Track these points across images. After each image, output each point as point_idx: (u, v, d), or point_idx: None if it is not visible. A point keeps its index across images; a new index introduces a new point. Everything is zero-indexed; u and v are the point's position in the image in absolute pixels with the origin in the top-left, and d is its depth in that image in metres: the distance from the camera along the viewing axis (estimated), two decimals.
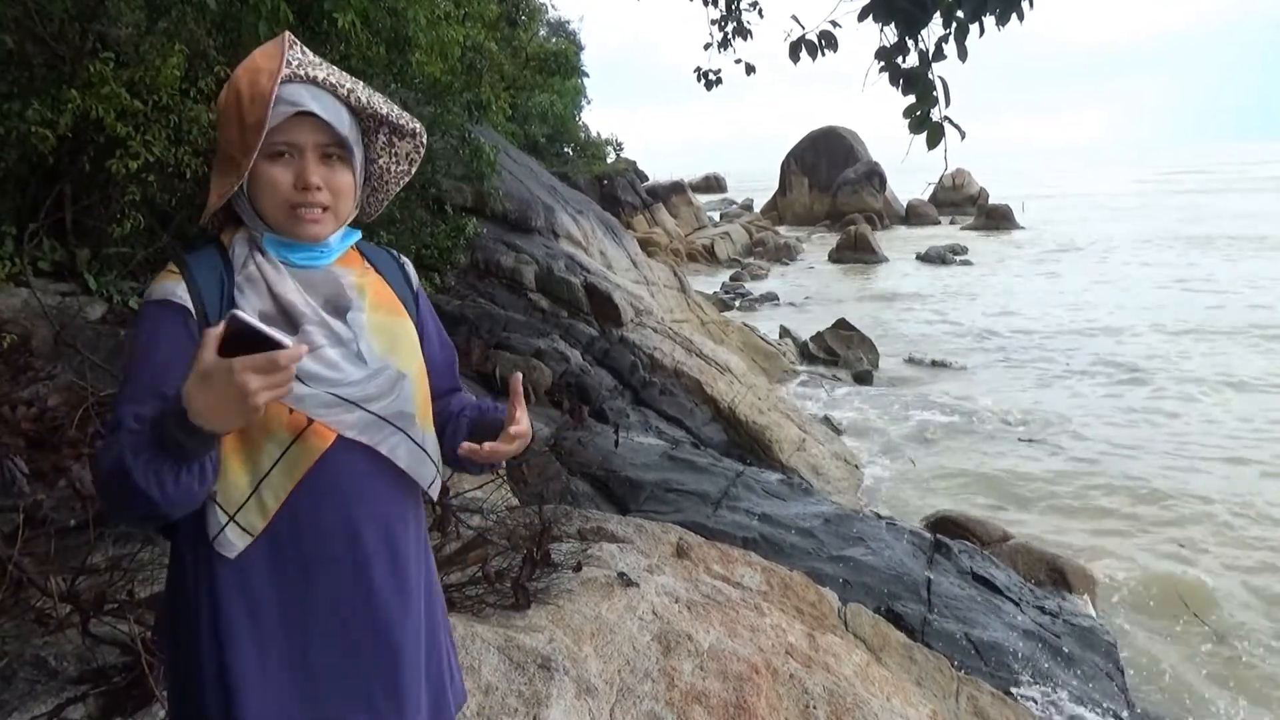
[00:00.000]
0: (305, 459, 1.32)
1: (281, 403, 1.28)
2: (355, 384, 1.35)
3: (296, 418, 1.30)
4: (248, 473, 1.31)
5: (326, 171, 1.37)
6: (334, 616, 1.36)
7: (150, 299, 1.32)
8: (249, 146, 1.30)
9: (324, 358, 1.34)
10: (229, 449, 1.30)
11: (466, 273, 9.31)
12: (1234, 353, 14.28)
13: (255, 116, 1.29)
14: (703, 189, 57.01)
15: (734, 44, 5.73)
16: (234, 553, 1.31)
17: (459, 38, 7.41)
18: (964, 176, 43.34)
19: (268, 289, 1.35)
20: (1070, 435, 10.29)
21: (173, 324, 1.30)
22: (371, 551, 1.39)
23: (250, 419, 1.16)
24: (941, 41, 3.49)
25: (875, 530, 5.73)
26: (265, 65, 1.31)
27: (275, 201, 1.35)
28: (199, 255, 1.37)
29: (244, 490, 1.31)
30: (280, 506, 1.32)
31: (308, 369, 1.31)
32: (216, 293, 1.33)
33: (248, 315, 1.12)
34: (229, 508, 1.30)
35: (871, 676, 3.27)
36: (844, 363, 13.33)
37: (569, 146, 25.89)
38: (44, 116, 4.39)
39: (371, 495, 1.39)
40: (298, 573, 1.34)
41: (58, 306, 4.58)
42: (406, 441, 1.41)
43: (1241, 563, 7.13)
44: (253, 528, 1.31)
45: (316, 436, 1.32)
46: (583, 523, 4.16)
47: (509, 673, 2.62)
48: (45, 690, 2.32)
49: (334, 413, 1.33)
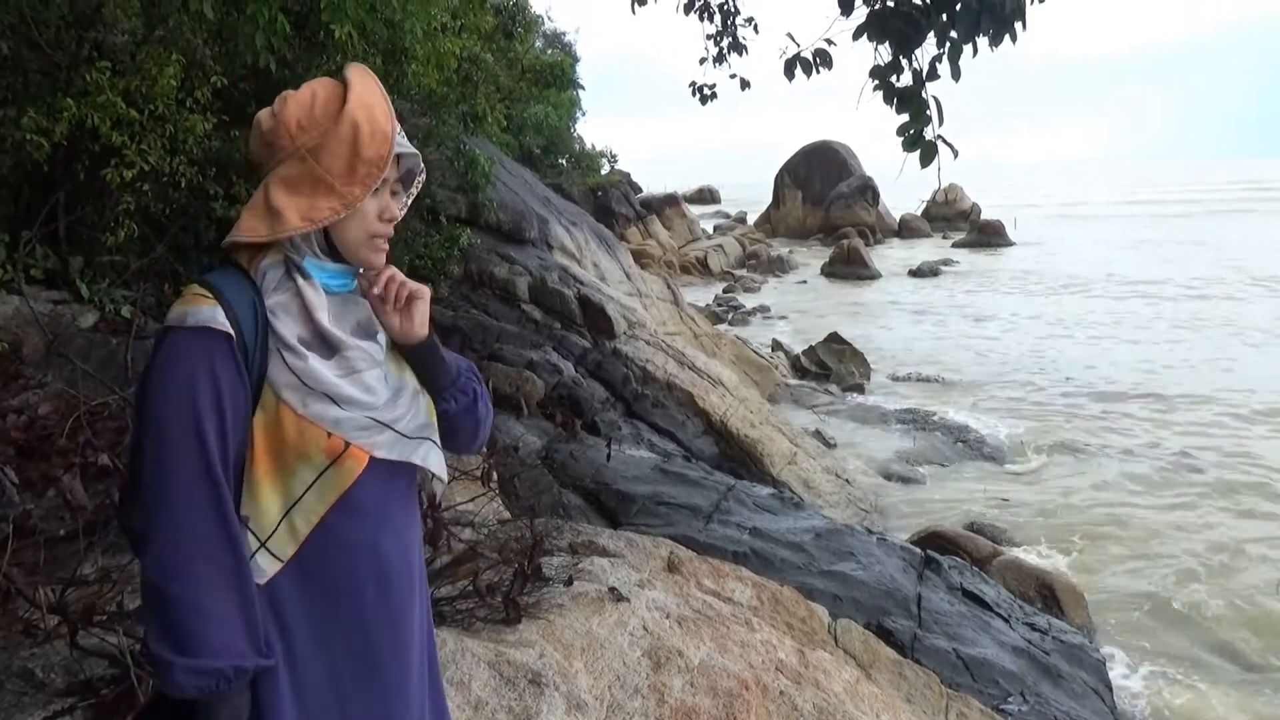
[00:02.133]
0: (342, 482, 1.34)
1: (319, 426, 1.31)
2: (385, 405, 1.39)
3: (334, 441, 1.33)
4: (279, 498, 1.32)
5: (395, 206, 1.44)
6: (361, 636, 1.39)
7: (184, 324, 1.28)
8: (364, 180, 1.34)
9: (361, 381, 1.37)
10: (261, 474, 1.31)
11: (460, 283, 9.31)
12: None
13: (376, 152, 1.34)
14: (696, 201, 57.13)
15: (729, 59, 5.77)
16: (264, 579, 1.32)
17: (455, 49, 7.44)
18: (956, 191, 43.51)
19: (306, 315, 1.36)
20: (1063, 451, 10.32)
21: (220, 357, 1.28)
22: (393, 569, 1.42)
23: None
24: (935, 61, 3.53)
25: (866, 545, 5.74)
26: (379, 104, 1.36)
27: (363, 232, 1.39)
28: (225, 279, 1.34)
29: (275, 516, 1.32)
30: (311, 532, 1.33)
31: (346, 393, 1.34)
32: (252, 320, 1.32)
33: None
34: (260, 534, 1.32)
35: (861, 693, 3.27)
36: (836, 376, 13.36)
37: (564, 158, 25.91)
38: (39, 124, 4.39)
39: (391, 512, 1.43)
40: (326, 594, 1.36)
41: (50, 315, 4.57)
42: (434, 448, 1.46)
43: (1231, 584, 7.14)
44: (282, 554, 1.33)
45: (353, 459, 1.34)
46: (574, 536, 4.15)
47: (499, 688, 2.62)
48: (33, 702, 2.30)
49: (369, 435, 1.36)
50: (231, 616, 1.24)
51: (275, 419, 1.31)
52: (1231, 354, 15.44)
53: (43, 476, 3.20)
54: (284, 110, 1.34)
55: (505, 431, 6.47)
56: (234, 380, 1.28)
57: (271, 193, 1.34)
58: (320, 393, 1.32)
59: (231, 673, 1.23)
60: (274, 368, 1.32)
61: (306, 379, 1.32)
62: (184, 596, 1.22)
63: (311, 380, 1.32)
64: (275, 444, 1.31)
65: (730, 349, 12.68)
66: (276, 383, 1.31)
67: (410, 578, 1.46)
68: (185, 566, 1.23)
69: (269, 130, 1.34)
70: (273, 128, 1.34)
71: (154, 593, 1.22)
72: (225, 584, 1.25)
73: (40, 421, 3.57)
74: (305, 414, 1.31)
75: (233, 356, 1.28)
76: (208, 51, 5.25)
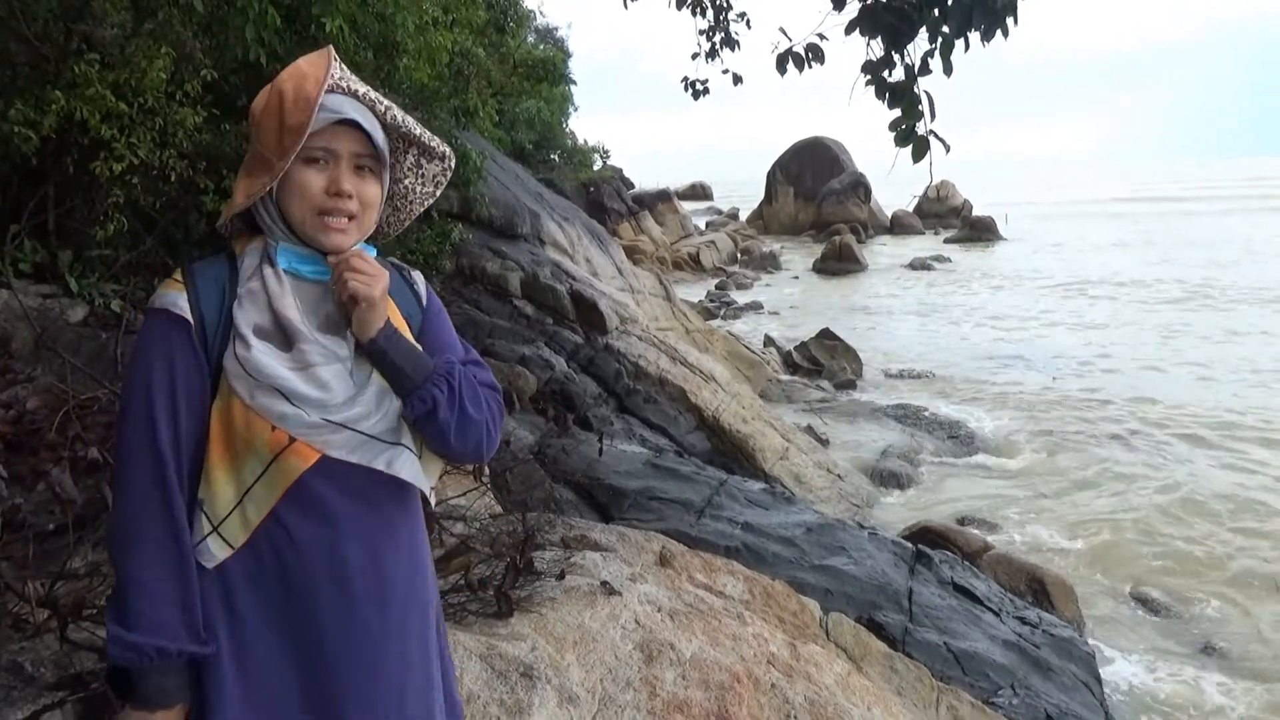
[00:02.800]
0: (286, 477, 1.32)
1: (264, 419, 1.30)
2: (343, 404, 1.35)
3: (278, 436, 1.31)
4: (233, 484, 1.32)
5: (358, 181, 1.38)
6: (314, 635, 1.36)
7: (152, 307, 1.33)
8: (287, 148, 1.31)
9: (316, 377, 1.34)
10: (215, 460, 1.32)
11: (452, 279, 9.29)
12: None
13: (297, 119, 1.31)
14: (689, 197, 57.11)
15: (721, 54, 5.77)
16: (212, 563, 1.33)
17: (447, 44, 7.40)
18: (948, 188, 43.62)
19: (268, 303, 1.35)
20: (1054, 444, 10.37)
21: (170, 340, 1.31)
22: (355, 571, 1.37)
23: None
24: (927, 56, 3.53)
25: (857, 540, 5.75)
26: (311, 72, 1.34)
27: (305, 206, 1.35)
28: (206, 264, 1.38)
29: (229, 502, 1.32)
30: (262, 521, 1.32)
31: (296, 389, 1.31)
32: (217, 305, 1.34)
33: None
34: (213, 518, 1.32)
35: (852, 686, 3.28)
36: (828, 372, 13.38)
37: (556, 153, 25.87)
38: (27, 117, 4.35)
39: (356, 514, 1.38)
40: (278, 587, 1.34)
41: (38, 308, 4.54)
42: (405, 453, 1.40)
43: (1222, 575, 7.19)
44: (234, 540, 1.32)
45: (296, 456, 1.31)
46: (566, 530, 4.15)
47: (491, 681, 2.62)
48: (22, 696, 2.29)
49: (319, 433, 1.33)
50: (167, 597, 1.28)
51: (227, 407, 1.32)
52: (1220, 348, 15.53)
53: (32, 471, 3.19)
54: (256, 102, 1.38)
55: None
56: (189, 365, 1.31)
57: (238, 179, 1.39)
58: (267, 385, 1.31)
59: (154, 651, 1.27)
60: (227, 356, 1.32)
61: (251, 370, 1.30)
62: (126, 570, 1.29)
63: (256, 372, 1.30)
64: (227, 432, 1.32)
65: (722, 345, 12.69)
66: (228, 371, 1.32)
67: (383, 588, 1.40)
68: (129, 543, 1.29)
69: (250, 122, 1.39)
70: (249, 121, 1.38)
71: (112, 564, 1.31)
72: (164, 564, 1.29)
73: (29, 416, 3.55)
74: (252, 405, 1.31)
75: (190, 342, 1.31)
76: (198, 44, 5.22)
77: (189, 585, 1.30)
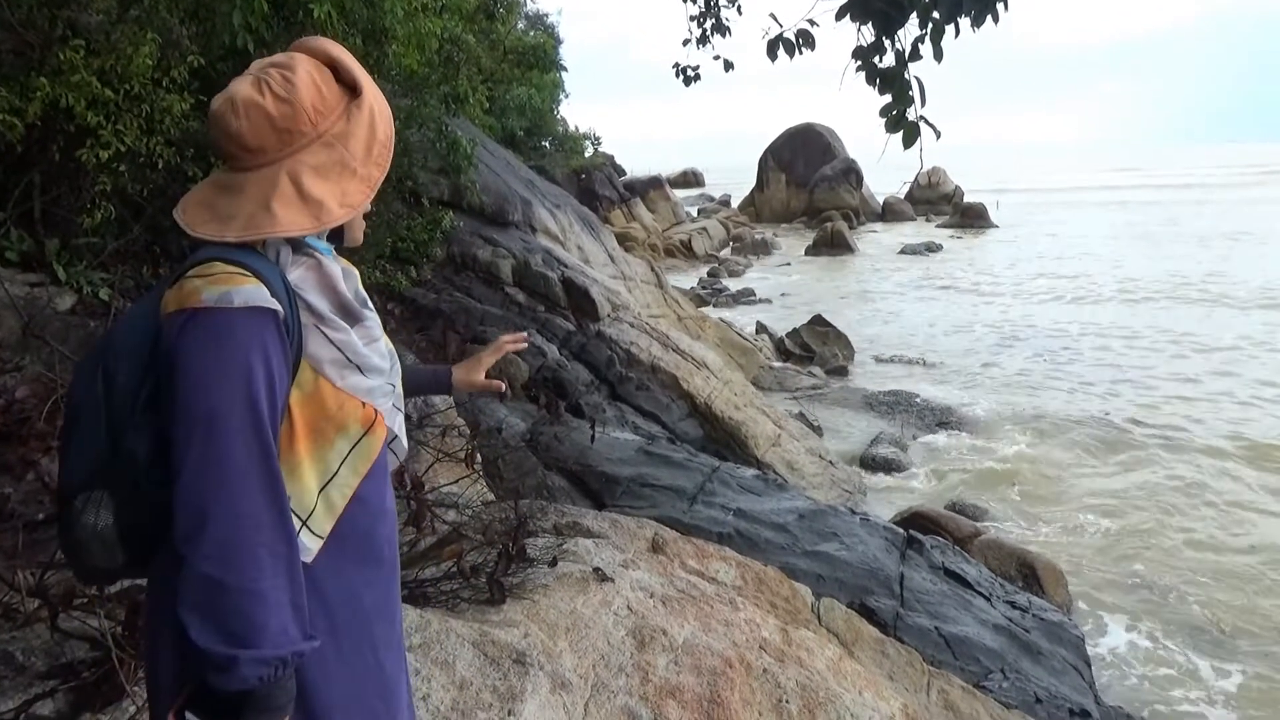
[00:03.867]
0: (373, 449, 1.35)
1: (355, 397, 1.33)
2: (392, 371, 1.45)
3: (369, 410, 1.34)
4: (317, 475, 1.30)
5: None
6: (385, 595, 1.43)
7: (231, 305, 1.21)
8: (379, 161, 1.37)
9: (380, 349, 1.41)
10: (302, 451, 1.28)
11: (443, 266, 9.26)
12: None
13: (387, 132, 1.39)
14: (681, 184, 57.01)
15: (712, 40, 5.74)
16: (309, 558, 1.30)
17: (436, 30, 7.37)
18: (939, 174, 43.60)
19: (326, 287, 1.36)
20: (1045, 428, 10.42)
21: (271, 336, 1.24)
22: (394, 529, 1.48)
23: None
24: (918, 42, 3.52)
25: (849, 526, 5.78)
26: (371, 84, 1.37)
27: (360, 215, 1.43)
28: (249, 258, 1.27)
29: (314, 493, 1.30)
30: (346, 505, 1.33)
31: (371, 361, 1.37)
32: (286, 296, 1.28)
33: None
34: (301, 513, 1.29)
35: (844, 670, 3.30)
36: (819, 359, 13.41)
37: (547, 140, 25.78)
38: (12, 104, 4.31)
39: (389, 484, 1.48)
40: (356, 560, 1.38)
41: (26, 297, 4.51)
42: (403, 420, 1.50)
43: (1209, 561, 7.25)
44: (322, 530, 1.32)
45: (381, 425, 1.37)
46: (558, 518, 4.16)
47: (483, 667, 2.62)
48: (13, 685, 2.29)
49: (386, 401, 1.40)
50: (284, 602, 1.21)
51: (314, 394, 1.29)
52: (1215, 324, 15.61)
53: (21, 460, 3.17)
54: (297, 96, 1.27)
55: (489, 414, 6.46)
56: (282, 360, 1.25)
57: (306, 182, 1.28)
58: (354, 365, 1.34)
59: (290, 658, 1.21)
60: (313, 343, 1.30)
61: (348, 352, 1.33)
62: (246, 585, 1.17)
63: (353, 353, 1.34)
64: (315, 420, 1.29)
65: (714, 332, 12.69)
66: (318, 358, 1.30)
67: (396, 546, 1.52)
68: (245, 556, 1.18)
69: (284, 117, 1.26)
70: (289, 114, 1.27)
71: (207, 584, 1.16)
72: (281, 570, 1.21)
73: (18, 405, 3.53)
74: (343, 386, 1.31)
75: (281, 335, 1.24)
76: (184, 31, 5.17)
77: (299, 583, 1.25)
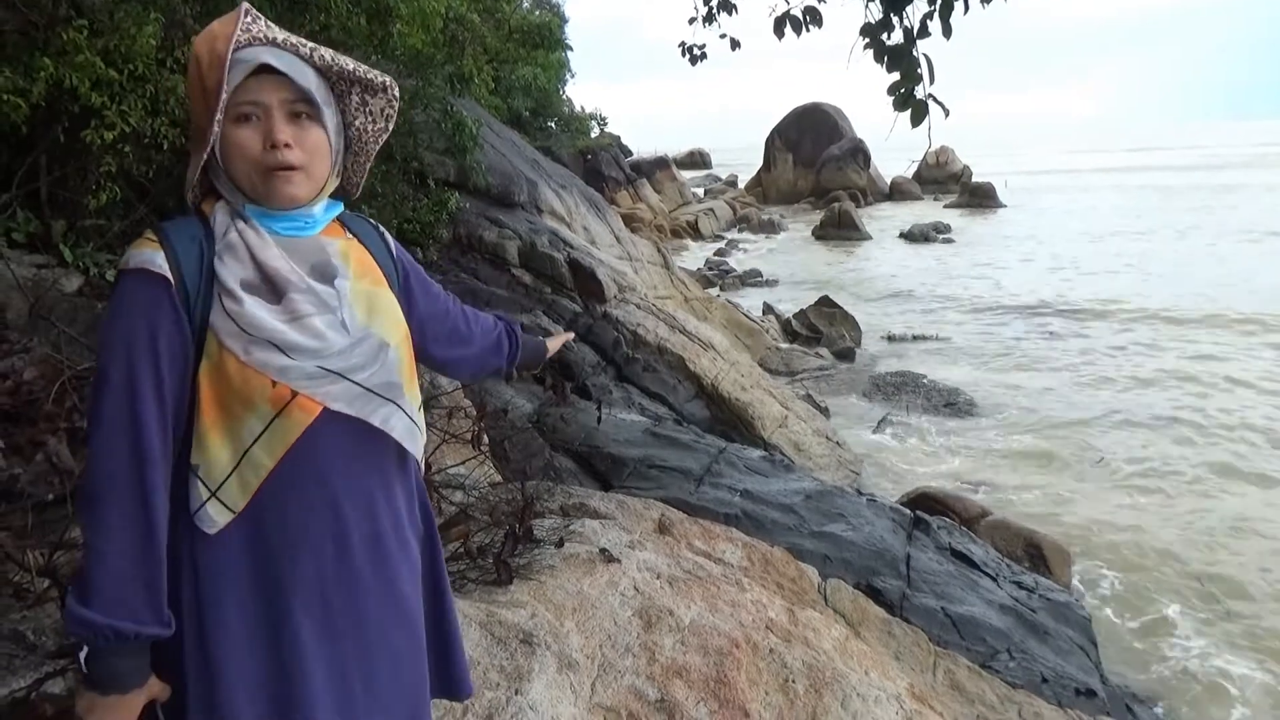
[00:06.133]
0: (289, 434, 1.29)
1: (264, 374, 1.27)
2: (339, 354, 1.33)
3: (280, 391, 1.28)
4: (229, 447, 1.28)
5: (296, 130, 1.34)
6: (316, 595, 1.34)
7: (127, 267, 1.28)
8: (212, 110, 1.28)
9: (310, 327, 1.31)
10: (209, 423, 1.27)
11: (449, 247, 9.24)
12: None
13: (214, 79, 1.27)
14: (687, 165, 56.81)
15: (719, 18, 5.68)
16: (214, 529, 1.29)
17: (441, 9, 7.31)
18: (947, 154, 43.36)
19: (250, 256, 1.32)
20: (1054, 411, 10.39)
21: (150, 300, 1.26)
22: (352, 528, 1.37)
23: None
24: (926, 18, 3.48)
25: (856, 506, 5.78)
26: (221, 30, 1.30)
27: (247, 164, 1.32)
28: (178, 223, 1.33)
29: (225, 466, 1.28)
30: (263, 483, 1.29)
31: (291, 340, 1.29)
32: (196, 262, 1.30)
33: None
34: (210, 484, 1.28)
35: (850, 651, 3.30)
36: (826, 340, 13.37)
37: (553, 120, 25.65)
38: (16, 85, 4.29)
39: (354, 471, 1.37)
40: (280, 550, 1.32)
41: (33, 279, 4.51)
42: (398, 412, 1.40)
43: (1221, 541, 7.23)
44: (234, 504, 1.29)
45: (300, 410, 1.29)
46: (565, 499, 4.17)
47: (490, 647, 2.63)
48: (24, 664, 2.31)
49: (319, 385, 1.31)
50: (130, 574, 1.21)
51: (219, 366, 1.27)
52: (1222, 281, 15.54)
53: (30, 441, 3.18)
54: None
55: (496, 395, 6.47)
56: (171, 325, 1.26)
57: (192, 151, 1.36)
58: (263, 339, 1.28)
59: (110, 632, 1.19)
60: (215, 314, 1.28)
61: (245, 325, 1.27)
62: (93, 542, 1.21)
63: (250, 326, 1.27)
64: (220, 392, 1.28)
65: (721, 313, 12.67)
66: (219, 329, 1.28)
67: (378, 540, 1.41)
68: (96, 514, 1.22)
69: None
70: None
71: (81, 531, 1.23)
72: (130, 538, 1.22)
73: (26, 386, 3.54)
74: (249, 362, 1.27)
75: (170, 301, 1.26)
76: (187, 10, 5.14)
77: (156, 562, 1.24)
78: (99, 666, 1.22)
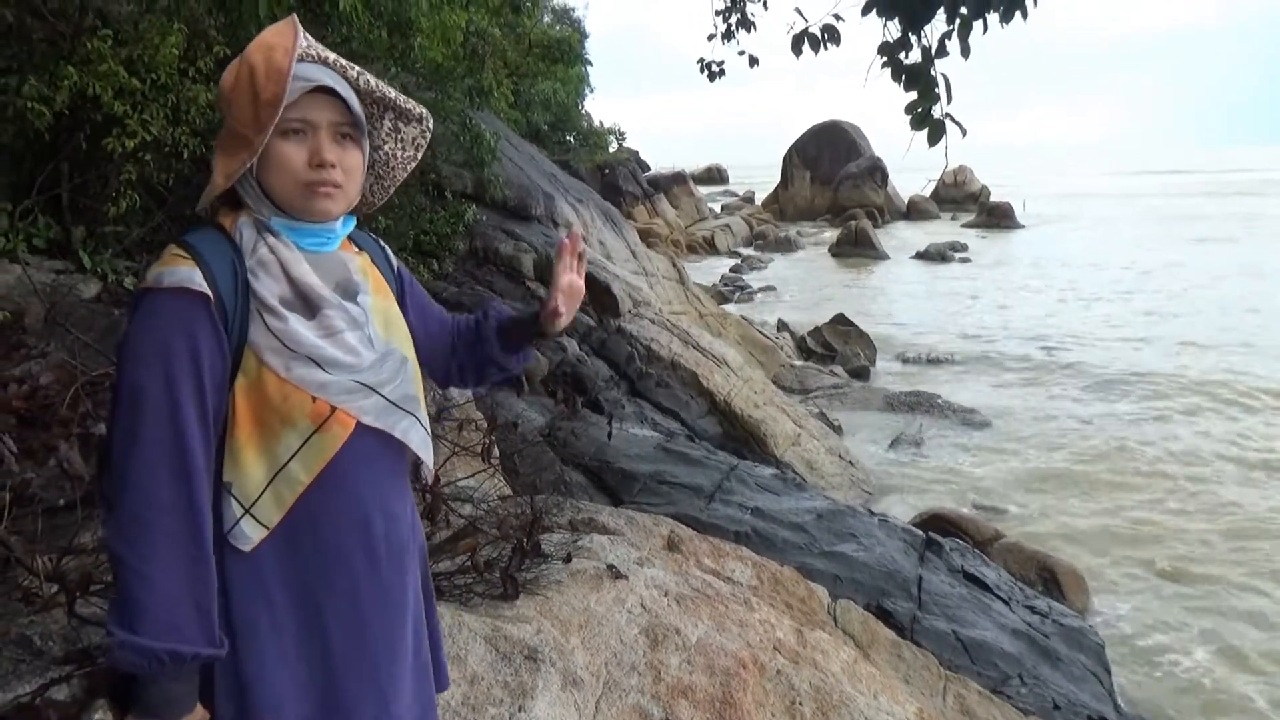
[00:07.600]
0: (328, 449, 1.30)
1: (304, 390, 1.27)
2: (370, 368, 1.35)
3: (320, 406, 1.29)
4: (264, 464, 1.28)
5: (340, 151, 1.35)
6: (352, 609, 1.35)
7: (160, 285, 1.24)
8: (264, 123, 1.27)
9: (344, 343, 1.33)
10: (244, 439, 1.27)
11: (465, 260, 9.28)
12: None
13: (272, 92, 1.26)
14: (704, 180, 56.92)
15: (737, 36, 5.70)
16: (249, 546, 1.28)
17: (462, 22, 7.37)
18: (965, 174, 43.27)
19: (284, 272, 1.32)
20: (1071, 432, 10.29)
21: (197, 319, 1.24)
22: (379, 540, 1.38)
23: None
24: (944, 38, 3.48)
25: (867, 526, 5.73)
26: (279, 42, 1.29)
27: (289, 179, 1.32)
28: (204, 238, 1.31)
29: (260, 482, 1.28)
30: (297, 499, 1.29)
31: (329, 355, 1.30)
32: (231, 279, 1.28)
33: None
34: (244, 500, 1.28)
35: (859, 673, 3.27)
36: (841, 358, 13.32)
37: (571, 135, 25.79)
38: (41, 92, 4.36)
39: (378, 483, 1.38)
40: (314, 565, 1.32)
41: (51, 284, 4.56)
42: (416, 425, 1.42)
43: (1238, 566, 7.14)
44: (268, 520, 1.28)
45: (339, 425, 1.30)
46: (574, 513, 4.15)
47: (495, 663, 2.62)
48: (30, 670, 2.31)
49: (355, 399, 1.32)
50: (180, 596, 1.19)
51: (257, 383, 1.27)
52: (1241, 332, 15.36)
53: (43, 446, 3.19)
54: (221, 82, 1.33)
55: (507, 408, 6.47)
56: (212, 343, 1.24)
57: (216, 161, 1.33)
58: (303, 356, 1.28)
59: (166, 657, 1.17)
60: (255, 330, 1.28)
61: (288, 341, 1.28)
62: (136, 566, 1.18)
63: (293, 343, 1.28)
64: (258, 409, 1.27)
65: (735, 329, 12.64)
66: (258, 346, 1.27)
67: (400, 559, 1.42)
68: (142, 535, 1.18)
69: (218, 102, 1.36)
70: (218, 99, 1.33)
71: (113, 561, 1.19)
72: (180, 560, 1.20)
73: (41, 391, 3.56)
74: (289, 378, 1.27)
75: (210, 319, 1.24)
76: (211, 21, 5.20)
77: (207, 581, 1.22)
78: (153, 693, 1.20)
